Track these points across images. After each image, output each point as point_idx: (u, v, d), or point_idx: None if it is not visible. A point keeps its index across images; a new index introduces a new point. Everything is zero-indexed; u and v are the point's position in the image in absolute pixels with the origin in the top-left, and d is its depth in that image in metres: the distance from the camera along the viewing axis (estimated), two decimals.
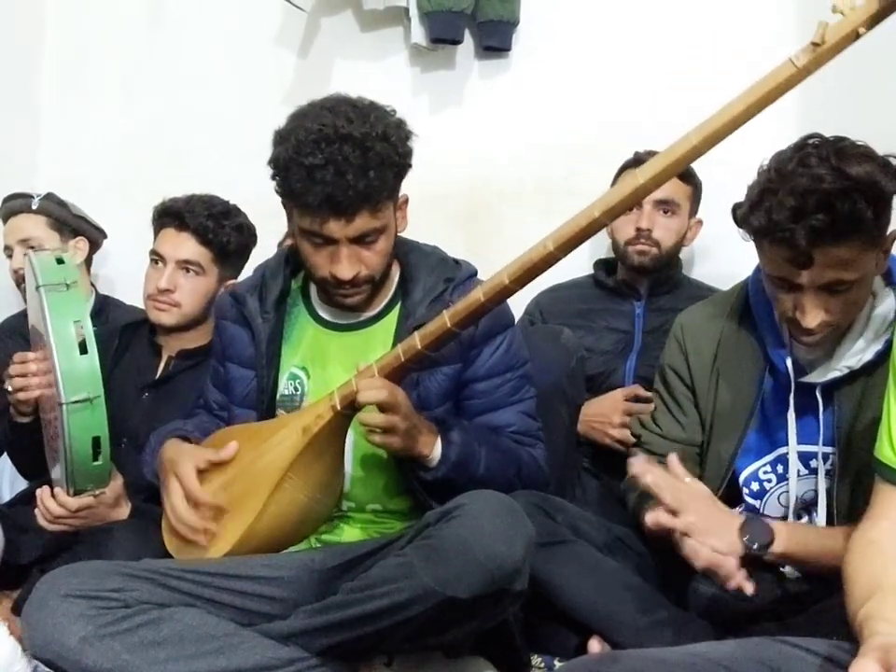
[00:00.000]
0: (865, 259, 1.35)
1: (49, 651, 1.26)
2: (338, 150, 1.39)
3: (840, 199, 1.29)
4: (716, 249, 2.32)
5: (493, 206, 2.57)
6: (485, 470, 1.49)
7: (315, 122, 1.43)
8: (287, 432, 1.48)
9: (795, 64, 1.18)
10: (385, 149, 1.43)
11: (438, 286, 1.57)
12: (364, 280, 1.51)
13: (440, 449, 1.47)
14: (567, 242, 1.31)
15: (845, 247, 1.31)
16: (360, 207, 1.42)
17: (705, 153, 1.24)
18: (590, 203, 1.32)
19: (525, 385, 1.62)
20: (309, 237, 1.48)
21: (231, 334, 1.67)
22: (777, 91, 1.20)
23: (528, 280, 1.36)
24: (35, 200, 2.38)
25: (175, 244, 2.03)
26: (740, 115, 1.21)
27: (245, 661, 1.28)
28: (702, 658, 1.00)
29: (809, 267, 1.33)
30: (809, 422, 1.50)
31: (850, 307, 1.41)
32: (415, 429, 1.44)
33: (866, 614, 0.96)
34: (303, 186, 1.40)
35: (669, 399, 1.66)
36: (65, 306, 1.55)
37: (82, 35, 2.89)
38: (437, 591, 1.22)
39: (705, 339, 1.62)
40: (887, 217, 1.36)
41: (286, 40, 2.71)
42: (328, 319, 1.62)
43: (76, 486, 1.60)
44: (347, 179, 1.39)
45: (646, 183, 1.26)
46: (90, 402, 1.52)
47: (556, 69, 2.52)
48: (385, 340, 1.57)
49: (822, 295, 1.37)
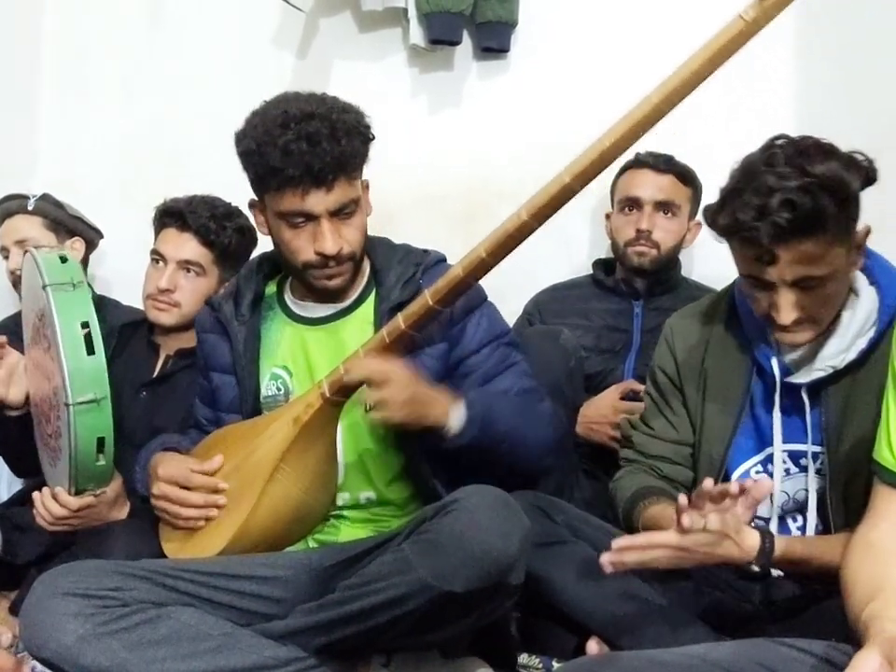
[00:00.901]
0: (832, 254, 1.36)
1: (48, 649, 1.26)
2: (307, 125, 1.44)
3: (802, 196, 1.31)
4: (715, 251, 2.32)
5: (491, 207, 2.57)
6: (509, 426, 1.50)
7: (276, 110, 1.49)
8: (279, 425, 1.50)
9: (745, 19, 1.24)
10: (349, 119, 1.49)
11: (408, 270, 1.61)
12: (347, 257, 1.54)
13: (460, 415, 1.45)
14: (541, 210, 1.34)
15: (809, 243, 1.33)
16: (337, 174, 1.46)
17: (666, 113, 1.28)
18: (588, 203, 1.33)
19: (513, 351, 1.64)
20: (289, 219, 1.51)
21: (210, 344, 1.69)
22: (731, 46, 1.25)
23: (505, 253, 1.39)
24: (32, 200, 2.37)
25: (176, 244, 2.04)
26: (695, 73, 1.26)
27: (242, 660, 1.28)
28: (700, 659, 1.00)
29: (775, 264, 1.35)
30: (797, 421, 1.51)
31: (826, 303, 1.42)
32: (422, 400, 1.43)
33: (870, 614, 0.96)
34: (281, 161, 1.44)
35: (660, 399, 1.67)
36: (73, 306, 1.54)
37: (82, 35, 2.88)
38: (433, 585, 1.23)
39: (693, 340, 1.63)
40: (852, 212, 1.37)
41: (284, 41, 2.71)
42: (304, 315, 1.64)
43: (77, 486, 1.60)
44: (323, 147, 1.44)
45: (610, 147, 1.30)
46: (96, 403, 1.52)
47: (555, 70, 2.52)
48: (362, 328, 1.59)
49: (794, 291, 1.38)
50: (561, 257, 2.46)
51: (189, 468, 1.53)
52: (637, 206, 2.18)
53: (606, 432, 2.03)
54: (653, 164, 2.17)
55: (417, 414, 1.43)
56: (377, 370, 1.41)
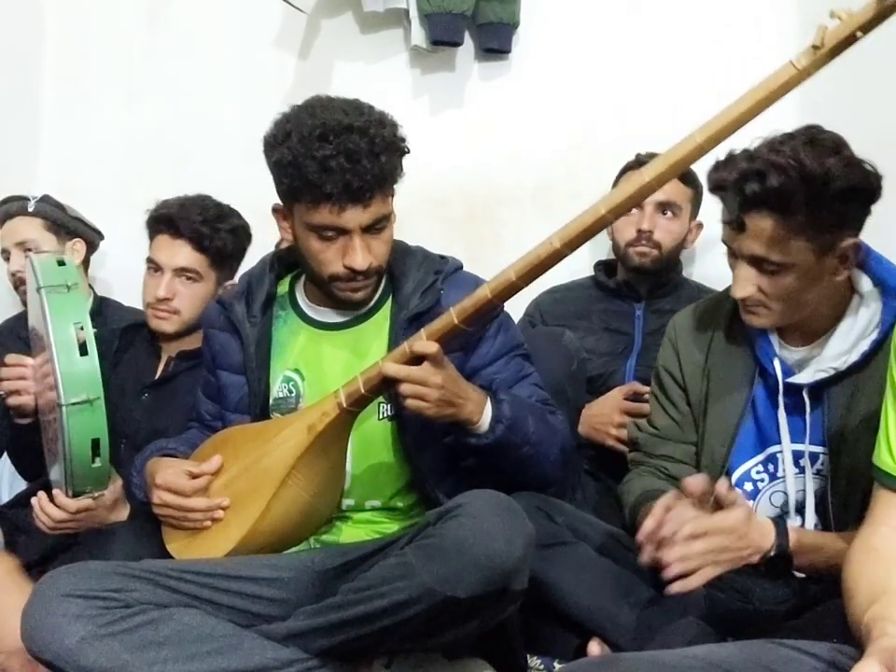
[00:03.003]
0: (793, 245, 1.37)
1: (49, 650, 1.26)
2: (346, 140, 1.41)
3: (775, 172, 1.33)
4: (716, 251, 2.32)
5: (492, 209, 2.57)
6: (533, 430, 1.50)
7: (313, 119, 1.44)
8: (292, 431, 1.48)
9: (796, 66, 1.22)
10: (387, 134, 1.46)
11: (427, 277, 1.60)
12: (375, 270, 1.52)
13: (490, 413, 1.46)
14: (573, 239, 1.34)
15: (769, 221, 1.35)
16: (375, 192, 1.44)
17: (708, 152, 1.28)
18: (589, 206, 1.33)
19: (527, 363, 1.65)
20: (319, 232, 1.48)
21: (220, 342, 1.67)
22: (779, 92, 1.24)
23: (535, 277, 1.38)
24: (32, 202, 2.37)
25: (170, 252, 2.02)
26: (743, 114, 1.24)
27: (244, 662, 1.28)
28: (702, 661, 1.00)
29: (742, 233, 1.39)
30: (798, 422, 1.51)
31: (784, 296, 1.43)
32: (458, 395, 1.43)
33: (873, 616, 0.96)
34: (319, 177, 1.41)
35: (665, 399, 1.67)
36: (66, 308, 1.54)
37: (82, 36, 2.88)
38: (436, 590, 1.23)
39: (696, 340, 1.63)
40: (828, 211, 1.36)
41: (286, 42, 2.71)
42: (319, 320, 1.63)
43: (75, 488, 1.60)
44: (363, 165, 1.41)
45: (651, 181, 1.29)
46: (89, 404, 1.51)
47: (556, 71, 2.52)
48: (378, 335, 1.58)
49: (751, 269, 1.41)
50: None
51: (186, 471, 1.52)
52: (638, 206, 2.18)
53: (609, 433, 2.03)
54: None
55: (452, 409, 1.42)
56: (439, 355, 1.39)
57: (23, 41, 2.85)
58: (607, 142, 2.42)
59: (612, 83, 2.47)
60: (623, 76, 2.46)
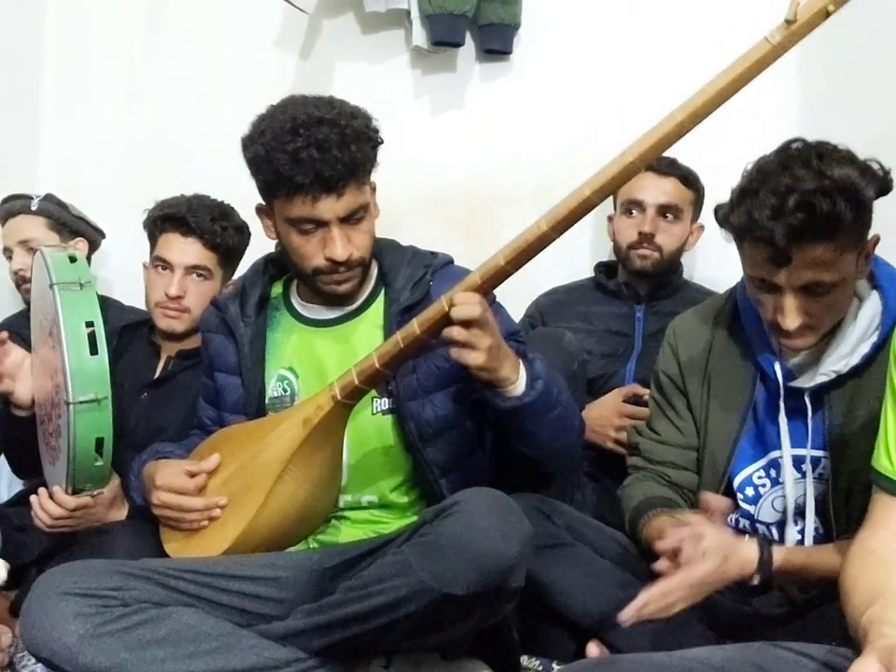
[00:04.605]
0: (844, 261, 1.35)
1: (48, 649, 1.26)
2: (316, 131, 1.44)
3: (819, 198, 1.30)
4: (717, 254, 2.33)
5: (492, 210, 2.57)
6: (561, 392, 1.49)
7: (284, 115, 1.48)
8: (288, 426, 1.49)
9: (770, 42, 1.23)
10: (358, 124, 1.48)
11: (417, 272, 1.61)
12: (357, 262, 1.54)
13: (524, 374, 1.44)
14: (560, 222, 1.34)
15: (823, 247, 1.32)
16: (348, 180, 1.46)
17: (689, 130, 1.27)
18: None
19: (527, 349, 1.61)
20: (298, 226, 1.50)
21: (216, 345, 1.69)
22: (755, 68, 1.24)
23: (523, 261, 1.38)
24: (35, 201, 2.38)
25: (181, 249, 2.02)
26: (721, 91, 1.25)
27: (242, 661, 1.28)
28: (701, 663, 1.00)
29: (787, 266, 1.34)
30: (800, 426, 1.50)
31: (831, 311, 1.41)
32: (503, 350, 1.41)
33: (870, 618, 0.96)
34: (291, 168, 1.43)
35: (665, 404, 1.67)
36: (79, 305, 1.55)
37: (82, 36, 2.88)
38: (433, 587, 1.23)
39: (696, 344, 1.63)
40: (866, 220, 1.36)
41: (287, 42, 2.71)
42: (311, 317, 1.64)
43: (75, 485, 1.60)
44: (333, 154, 1.43)
45: (634, 161, 1.29)
46: (97, 403, 1.52)
47: (557, 72, 2.52)
48: (371, 330, 1.59)
49: (801, 297, 1.37)
50: (562, 259, 2.45)
51: (185, 470, 1.53)
52: (639, 209, 2.18)
53: (608, 435, 2.03)
54: (656, 167, 2.17)
55: (495, 363, 1.39)
56: (482, 316, 1.36)
57: (23, 41, 2.85)
58: (607, 143, 2.39)
59: (613, 84, 2.47)
60: (623, 77, 2.46)
